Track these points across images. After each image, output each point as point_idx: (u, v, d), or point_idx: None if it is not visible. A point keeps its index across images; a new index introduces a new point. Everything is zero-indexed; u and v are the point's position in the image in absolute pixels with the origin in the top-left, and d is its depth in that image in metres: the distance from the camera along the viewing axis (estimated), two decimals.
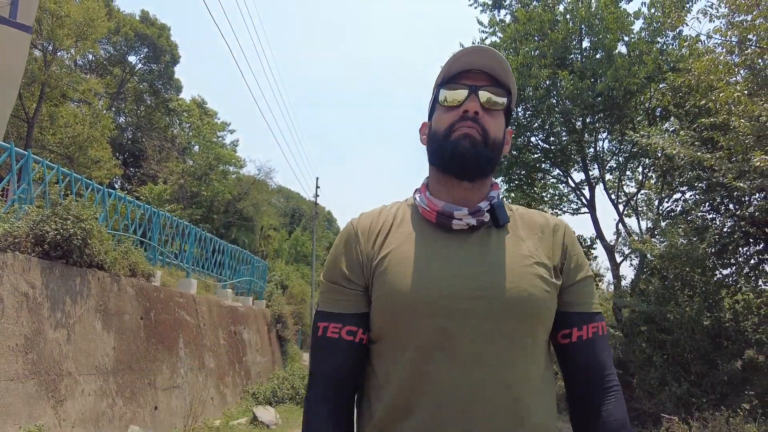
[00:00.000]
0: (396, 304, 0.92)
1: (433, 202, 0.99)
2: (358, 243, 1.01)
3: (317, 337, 0.99)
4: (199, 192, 21.92)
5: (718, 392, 7.02)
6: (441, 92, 1.02)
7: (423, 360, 0.89)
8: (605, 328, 1.02)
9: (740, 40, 7.05)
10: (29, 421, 4.47)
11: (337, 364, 0.97)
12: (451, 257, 0.94)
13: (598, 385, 0.97)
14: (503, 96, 1.00)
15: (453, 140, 0.97)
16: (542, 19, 10.15)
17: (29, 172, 5.93)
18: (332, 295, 1.00)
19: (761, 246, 8.66)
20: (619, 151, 11.54)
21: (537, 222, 1.03)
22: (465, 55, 0.99)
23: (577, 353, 0.98)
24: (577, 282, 1.00)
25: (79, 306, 5.45)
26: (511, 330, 0.90)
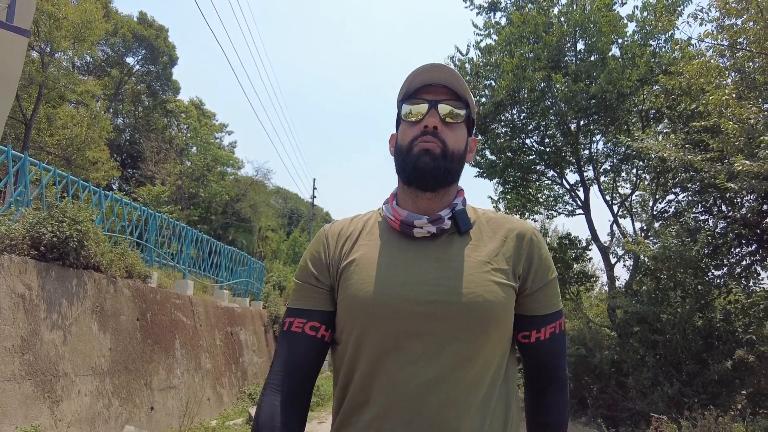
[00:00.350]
0: (358, 305, 0.98)
1: (397, 211, 1.05)
2: (327, 247, 1.08)
3: (282, 330, 1.06)
4: (196, 193, 21.97)
5: (710, 392, 7.09)
6: (403, 107, 1.07)
7: (380, 359, 0.95)
8: (563, 325, 1.08)
9: (731, 44, 7.13)
10: (25, 422, 4.53)
11: (297, 357, 1.02)
12: (412, 263, 1.00)
13: (546, 379, 1.07)
14: (462, 108, 1.06)
15: (414, 155, 1.02)
16: (536, 22, 10.22)
17: (26, 175, 5.98)
18: (301, 293, 1.07)
19: (754, 247, 8.74)
20: (613, 152, 11.61)
21: (503, 227, 1.07)
22: (424, 72, 1.05)
23: (533, 351, 1.07)
24: (542, 287, 1.04)
25: (76, 307, 5.50)
26: (465, 333, 0.94)
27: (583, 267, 13.98)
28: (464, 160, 1.09)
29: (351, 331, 1.00)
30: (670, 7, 9.39)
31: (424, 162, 1.01)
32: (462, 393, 0.93)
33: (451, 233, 1.04)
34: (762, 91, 6.68)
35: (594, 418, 8.81)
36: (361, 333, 0.98)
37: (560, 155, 11.55)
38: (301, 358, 1.02)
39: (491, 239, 1.04)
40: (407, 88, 1.07)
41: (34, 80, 14.18)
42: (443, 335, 0.94)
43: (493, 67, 11.02)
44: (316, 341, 1.03)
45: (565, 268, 12.37)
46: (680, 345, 7.48)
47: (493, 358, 0.99)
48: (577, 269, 13.06)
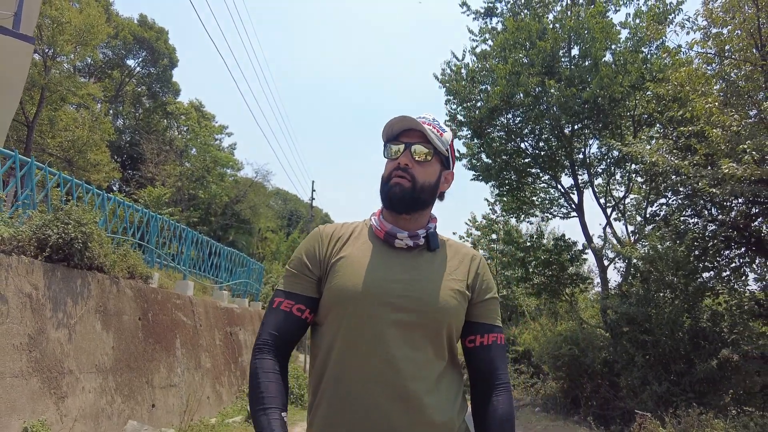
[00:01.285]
0: (343, 293, 1.22)
1: (383, 224, 1.31)
2: (321, 243, 1.32)
3: (272, 307, 1.29)
4: (196, 195, 22.14)
5: (697, 391, 7.26)
6: (386, 147, 1.34)
7: (352, 339, 1.19)
8: (503, 339, 1.33)
9: (718, 52, 7.33)
10: (32, 416, 4.70)
11: (283, 329, 1.26)
12: (390, 266, 1.25)
13: (491, 381, 1.28)
14: (431, 151, 1.30)
15: (389, 186, 1.29)
16: (531, 28, 10.41)
17: (32, 178, 6.16)
18: (292, 279, 1.30)
19: (742, 250, 8.93)
20: (606, 156, 11.79)
21: (461, 251, 1.36)
22: (400, 121, 1.31)
23: (477, 355, 1.29)
24: (485, 300, 1.31)
25: (80, 307, 5.68)
26: (425, 325, 1.20)
27: (577, 269, 14.17)
28: (436, 190, 1.35)
29: (333, 314, 1.23)
30: (661, 15, 9.58)
31: (394, 192, 1.28)
32: (422, 370, 1.17)
33: (423, 249, 1.31)
34: (747, 99, 6.88)
35: (585, 416, 8.99)
36: (342, 316, 1.21)
37: (555, 159, 11.73)
38: (287, 330, 1.26)
39: (452, 258, 1.33)
40: (389, 132, 1.32)
41: (36, 83, 14.36)
42: (409, 324, 1.19)
43: (488, 72, 11.21)
44: (300, 320, 1.26)
45: (560, 270, 12.55)
46: (668, 345, 7.66)
47: (446, 347, 1.24)
48: (572, 271, 13.24)
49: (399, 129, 1.31)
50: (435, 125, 1.32)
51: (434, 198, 1.35)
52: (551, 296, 13.00)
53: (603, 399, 9.21)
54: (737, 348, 7.17)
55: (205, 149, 24.22)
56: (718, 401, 7.13)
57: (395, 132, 1.32)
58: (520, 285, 14.56)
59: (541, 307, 15.49)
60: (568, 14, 10.68)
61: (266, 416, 1.15)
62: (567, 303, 13.13)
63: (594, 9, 10.17)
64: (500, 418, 1.23)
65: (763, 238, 8.33)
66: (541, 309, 15.56)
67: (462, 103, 11.89)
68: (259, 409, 1.16)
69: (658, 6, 10.03)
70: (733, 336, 7.39)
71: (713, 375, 7.18)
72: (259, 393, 1.19)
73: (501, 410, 1.24)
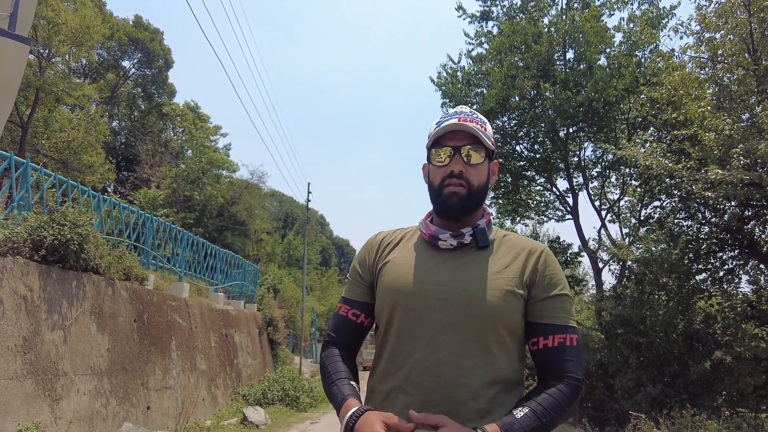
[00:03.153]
0: (386, 296, 1.26)
1: (429, 226, 1.31)
2: (371, 251, 1.38)
3: (336, 312, 1.39)
4: (191, 196, 22.08)
5: (690, 392, 7.31)
6: (432, 152, 1.29)
7: (401, 340, 1.21)
8: (575, 341, 1.16)
9: (710, 57, 7.40)
10: (27, 419, 4.68)
11: (342, 332, 1.35)
12: (432, 267, 1.24)
13: (556, 376, 1.14)
14: (482, 149, 1.26)
15: (444, 196, 1.25)
16: (527, 32, 10.47)
17: (28, 179, 6.14)
18: (349, 286, 1.40)
19: (735, 252, 9.00)
20: (601, 159, 11.87)
21: (518, 246, 1.26)
22: (448, 120, 1.27)
23: (543, 359, 1.17)
24: (548, 298, 1.19)
25: (75, 308, 5.67)
26: (467, 327, 1.14)
27: (573, 271, 14.24)
28: (488, 188, 1.32)
29: (383, 318, 1.27)
30: (654, 20, 9.67)
31: (452, 202, 1.24)
32: (465, 378, 1.12)
33: (471, 247, 1.26)
34: (739, 103, 6.95)
35: (581, 418, 9.02)
36: (389, 320, 1.25)
37: (550, 162, 11.79)
38: (345, 333, 1.35)
39: (505, 255, 1.24)
40: (435, 135, 1.27)
41: (31, 84, 14.30)
42: (449, 327, 1.15)
43: (484, 75, 11.27)
44: (356, 325, 1.35)
45: None
46: (663, 347, 7.71)
47: (501, 354, 1.15)
48: (567, 273, 13.31)
49: (444, 130, 1.25)
50: (476, 120, 1.27)
51: (486, 195, 1.31)
52: None
53: (598, 400, 9.25)
54: (730, 349, 7.23)
55: (201, 151, 24.16)
56: (711, 402, 7.17)
57: (439, 135, 1.26)
58: None
59: None
60: (563, 18, 10.75)
61: (336, 386, 1.22)
62: None
63: (588, 13, 10.25)
64: (545, 392, 1.11)
65: (755, 241, 8.41)
66: None
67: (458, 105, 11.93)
68: (330, 383, 1.25)
69: (651, 10, 10.13)
70: (726, 338, 7.45)
71: (706, 376, 7.23)
72: (328, 373, 1.27)
73: (552, 389, 1.11)
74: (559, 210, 13.14)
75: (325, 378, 1.28)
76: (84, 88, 17.49)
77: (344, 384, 1.22)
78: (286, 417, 9.87)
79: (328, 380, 1.26)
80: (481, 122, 1.27)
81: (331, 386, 1.24)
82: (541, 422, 1.06)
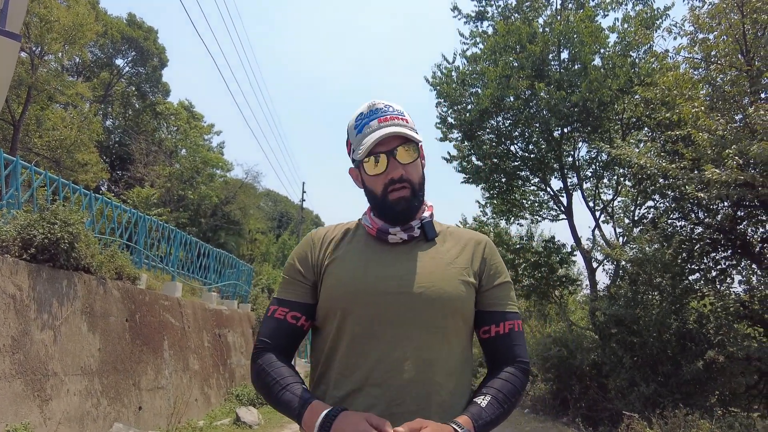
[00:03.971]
0: (337, 296, 1.17)
1: (374, 221, 1.25)
2: (313, 247, 1.27)
3: (267, 315, 1.25)
4: (185, 195, 21.98)
5: (683, 392, 7.34)
6: (364, 164, 1.22)
7: (357, 341, 1.14)
8: (520, 325, 1.22)
9: (704, 57, 7.43)
10: (15, 419, 4.62)
11: (278, 337, 1.22)
12: (385, 262, 1.19)
13: (507, 361, 1.19)
14: (411, 144, 1.21)
15: (391, 202, 1.20)
16: (521, 32, 10.49)
17: (17, 177, 6.08)
18: (286, 286, 1.26)
19: (728, 252, 9.04)
20: (595, 160, 11.90)
21: (464, 237, 1.28)
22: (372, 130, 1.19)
23: (494, 345, 1.21)
24: (495, 286, 1.23)
25: (66, 308, 5.61)
26: (428, 319, 1.12)
27: (567, 271, 14.27)
28: (424, 175, 1.27)
29: (332, 319, 1.18)
30: (648, 20, 9.71)
31: (401, 207, 1.20)
32: (429, 372, 1.11)
33: (420, 240, 1.24)
34: (732, 103, 6.98)
35: (574, 418, 9.03)
36: (341, 320, 1.16)
37: (544, 162, 11.82)
38: (281, 338, 1.22)
39: (453, 246, 1.25)
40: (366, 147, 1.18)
41: (23, 82, 14.18)
42: (409, 322, 1.12)
43: (479, 75, 11.28)
44: (295, 328, 1.22)
45: (550, 272, 12.64)
46: (656, 347, 7.73)
47: (457, 344, 1.16)
48: (561, 273, 13.34)
49: (373, 141, 1.17)
50: (396, 115, 1.21)
51: (425, 184, 1.28)
52: (541, 298, 13.08)
53: (591, 400, 9.27)
54: (723, 349, 7.26)
55: (195, 150, 24.06)
56: (704, 402, 7.20)
57: (371, 147, 1.18)
58: None
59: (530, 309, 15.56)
60: (557, 18, 10.78)
61: (289, 391, 1.11)
62: (556, 305, 13.22)
63: (583, 13, 10.28)
64: (499, 378, 1.15)
65: (748, 241, 8.45)
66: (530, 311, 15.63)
67: (452, 105, 11.94)
68: (280, 390, 1.12)
69: (645, 11, 10.17)
70: (718, 337, 7.48)
71: (699, 376, 7.26)
72: (273, 380, 1.14)
73: (506, 374, 1.15)
74: (554, 210, 13.17)
75: (270, 387, 1.14)
76: (77, 86, 17.37)
77: (298, 388, 1.12)
78: (279, 417, 9.83)
79: (275, 388, 1.13)
80: (399, 115, 1.22)
81: (281, 393, 1.11)
82: (503, 408, 1.11)
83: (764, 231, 8.55)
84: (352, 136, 1.25)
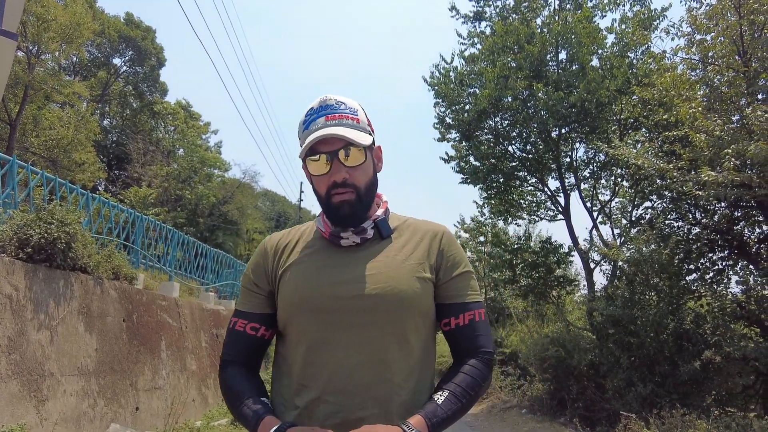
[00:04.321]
0: (293, 304, 1.15)
1: (328, 224, 1.21)
2: (266, 256, 1.24)
3: (229, 327, 1.25)
4: (183, 195, 21.93)
5: (680, 392, 7.35)
6: (307, 161, 1.18)
7: (314, 349, 1.12)
8: (482, 314, 1.20)
9: (701, 58, 7.45)
10: (11, 420, 4.61)
11: (241, 349, 1.22)
12: (339, 266, 1.16)
13: (471, 352, 1.18)
14: (360, 148, 1.15)
15: (334, 206, 1.17)
16: (519, 32, 10.49)
17: (14, 177, 6.05)
18: (244, 297, 1.25)
19: (725, 253, 9.07)
20: (593, 160, 11.92)
21: (420, 230, 1.24)
22: (315, 129, 1.15)
23: (457, 337, 1.19)
24: (454, 277, 1.20)
25: (62, 308, 5.59)
26: (385, 321, 1.11)
27: (564, 271, 14.29)
28: (376, 179, 1.23)
29: (289, 326, 1.17)
30: (646, 21, 9.73)
31: (344, 212, 1.16)
32: (388, 374, 1.09)
33: (374, 239, 1.21)
34: (730, 104, 7.00)
35: (572, 418, 9.04)
36: (298, 328, 1.15)
37: (542, 162, 11.83)
38: (244, 351, 1.22)
39: (409, 240, 1.21)
40: (305, 145, 1.15)
41: (20, 80, 14.13)
42: (366, 325, 1.10)
43: (477, 75, 11.28)
44: (256, 339, 1.21)
45: (547, 272, 12.64)
46: (653, 347, 7.74)
47: (416, 342, 1.15)
48: (559, 273, 13.35)
49: (314, 140, 1.13)
50: (346, 113, 1.16)
51: (377, 187, 1.23)
52: (538, 298, 13.09)
53: (589, 400, 9.27)
54: (720, 350, 7.27)
55: (193, 150, 24.01)
56: (700, 402, 7.22)
57: (309, 146, 1.14)
58: (508, 287, 14.65)
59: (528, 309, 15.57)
60: (555, 19, 10.78)
61: (246, 406, 1.11)
62: (554, 305, 13.23)
63: (581, 14, 10.29)
64: (461, 371, 1.13)
65: (745, 242, 8.47)
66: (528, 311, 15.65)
67: (450, 105, 11.94)
68: (240, 404, 1.12)
69: (643, 12, 10.18)
70: (715, 338, 7.49)
71: (696, 376, 7.28)
72: (234, 394, 1.15)
73: (468, 367, 1.14)
74: (551, 210, 13.18)
75: (232, 401, 1.15)
76: (74, 85, 17.31)
77: (255, 402, 1.11)
78: None
79: (236, 403, 1.13)
80: (351, 113, 1.17)
81: (240, 408, 1.11)
82: (461, 403, 1.09)
83: (761, 231, 8.58)
84: (299, 131, 1.22)
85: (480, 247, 16.98)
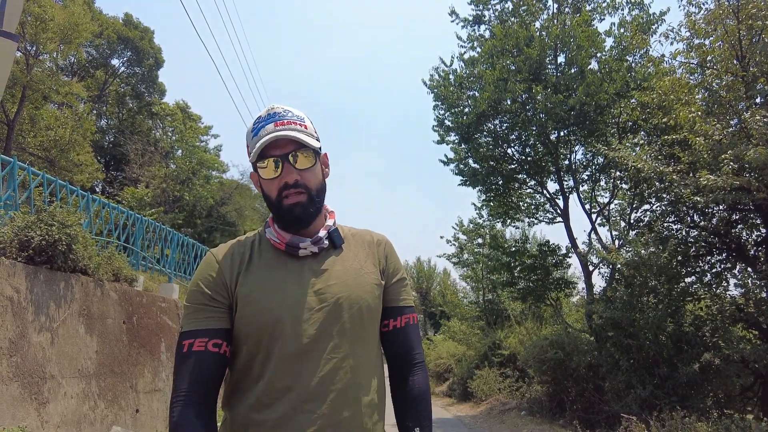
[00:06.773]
0: (258, 321, 1.12)
1: (281, 235, 1.21)
2: (221, 270, 1.18)
3: (182, 353, 1.12)
4: (181, 196, 21.89)
5: (680, 394, 7.39)
6: (257, 165, 1.19)
7: (286, 361, 1.11)
8: (415, 318, 1.31)
9: (700, 63, 7.50)
10: (12, 422, 4.59)
11: (203, 373, 1.10)
12: (300, 279, 1.17)
13: (407, 361, 1.28)
14: (308, 151, 1.19)
15: (285, 208, 1.19)
16: (518, 36, 10.53)
17: (14, 179, 6.04)
18: (197, 315, 1.15)
19: (723, 255, 9.11)
20: (591, 162, 11.97)
21: (366, 239, 1.33)
22: (265, 133, 1.17)
23: (393, 338, 1.28)
24: (394, 283, 1.30)
25: (63, 310, 5.57)
26: (351, 328, 1.16)
27: (563, 274, 14.33)
28: (325, 184, 1.28)
29: (253, 344, 1.13)
30: (645, 25, 9.78)
31: (296, 213, 1.18)
32: (356, 377, 1.14)
33: (328, 249, 1.25)
34: (728, 108, 7.05)
35: (571, 420, 9.06)
36: (268, 344, 1.12)
37: (541, 165, 11.87)
38: (209, 373, 1.11)
39: (359, 249, 1.29)
40: (256, 149, 1.17)
41: (18, 81, 14.08)
42: (335, 333, 1.14)
43: (476, 78, 11.32)
44: (219, 356, 1.12)
45: (545, 275, 12.68)
46: (652, 349, 7.78)
47: (372, 344, 1.23)
48: (557, 276, 13.39)
49: (264, 144, 1.16)
50: (294, 120, 1.20)
51: (325, 191, 1.27)
52: (536, 300, 13.13)
53: (588, 402, 9.30)
54: (718, 352, 7.31)
55: (191, 151, 23.96)
56: (700, 404, 7.25)
57: (260, 149, 1.16)
58: (506, 289, 14.67)
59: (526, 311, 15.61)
60: (554, 22, 10.83)
61: None
62: (552, 307, 13.26)
63: (579, 18, 10.34)
64: (416, 397, 1.23)
65: (743, 245, 8.52)
66: (526, 313, 15.68)
67: (450, 108, 11.98)
68: None
69: (642, 16, 10.24)
70: (714, 340, 7.53)
71: (696, 378, 7.31)
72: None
73: (417, 389, 1.24)
74: (550, 213, 13.22)
75: None
76: (72, 85, 17.26)
77: None
78: None
79: None
80: (298, 120, 1.21)
81: None
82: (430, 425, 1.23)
83: (759, 234, 8.62)
84: (248, 139, 1.23)
85: (478, 249, 17.02)
